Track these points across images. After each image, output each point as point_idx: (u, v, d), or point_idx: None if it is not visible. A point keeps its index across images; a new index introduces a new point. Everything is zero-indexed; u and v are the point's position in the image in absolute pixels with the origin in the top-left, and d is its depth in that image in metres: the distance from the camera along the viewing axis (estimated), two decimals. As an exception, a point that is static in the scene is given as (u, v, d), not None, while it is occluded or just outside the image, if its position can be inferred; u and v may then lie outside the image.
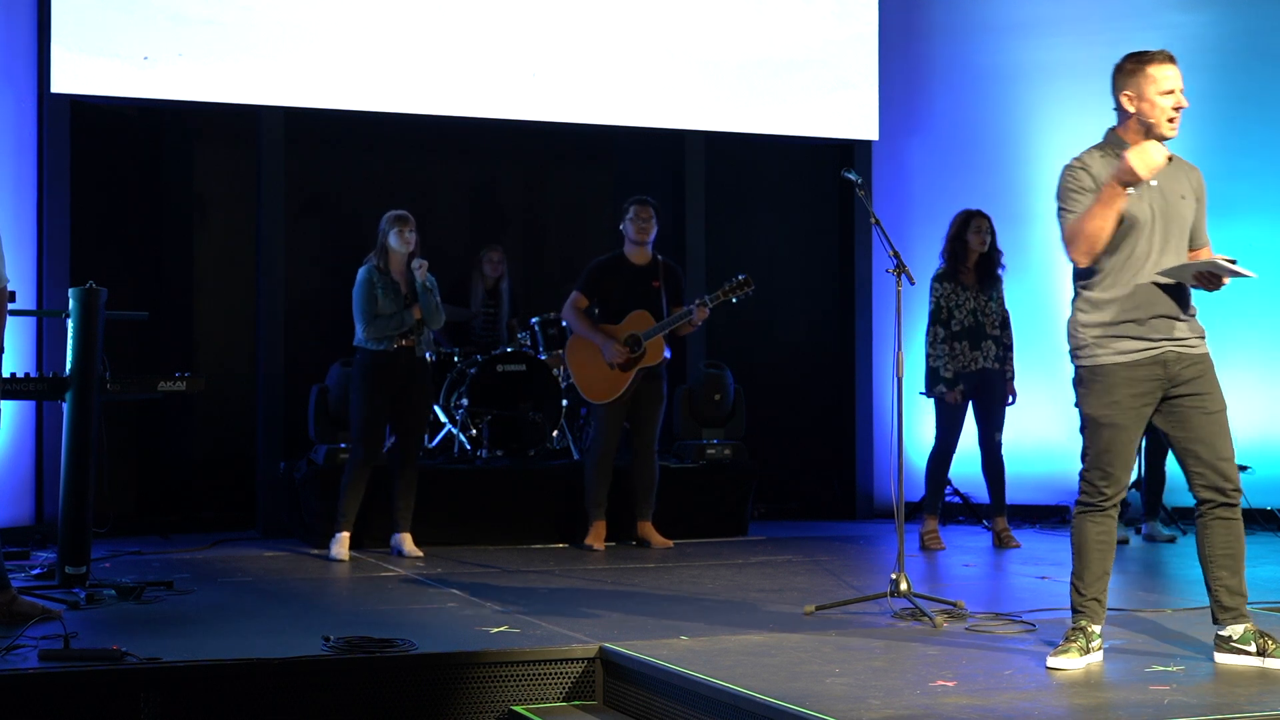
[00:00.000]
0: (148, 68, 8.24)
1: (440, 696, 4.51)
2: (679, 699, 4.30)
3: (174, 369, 7.10)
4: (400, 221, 7.24)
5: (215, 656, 4.48)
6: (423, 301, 7.20)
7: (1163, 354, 4.43)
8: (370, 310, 7.17)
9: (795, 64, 9.52)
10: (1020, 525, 8.70)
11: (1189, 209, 4.53)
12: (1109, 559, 4.56)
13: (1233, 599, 4.51)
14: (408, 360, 7.23)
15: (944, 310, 7.78)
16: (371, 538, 7.49)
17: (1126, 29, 9.41)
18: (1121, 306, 4.46)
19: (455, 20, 8.83)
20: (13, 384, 5.89)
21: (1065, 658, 4.40)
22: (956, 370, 7.74)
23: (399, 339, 7.19)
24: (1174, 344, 4.43)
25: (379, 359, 7.17)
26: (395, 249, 7.23)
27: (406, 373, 7.23)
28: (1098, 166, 4.50)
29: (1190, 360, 4.45)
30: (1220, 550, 4.53)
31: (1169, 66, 4.50)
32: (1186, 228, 4.52)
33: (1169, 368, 4.43)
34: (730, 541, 8.13)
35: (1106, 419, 4.45)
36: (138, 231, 8.93)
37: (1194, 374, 4.44)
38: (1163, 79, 4.48)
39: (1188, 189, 4.55)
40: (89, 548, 6.08)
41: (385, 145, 9.45)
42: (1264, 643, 4.42)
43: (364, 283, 7.21)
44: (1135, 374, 4.43)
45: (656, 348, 7.64)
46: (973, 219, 7.86)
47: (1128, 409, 4.44)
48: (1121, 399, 4.44)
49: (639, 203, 7.72)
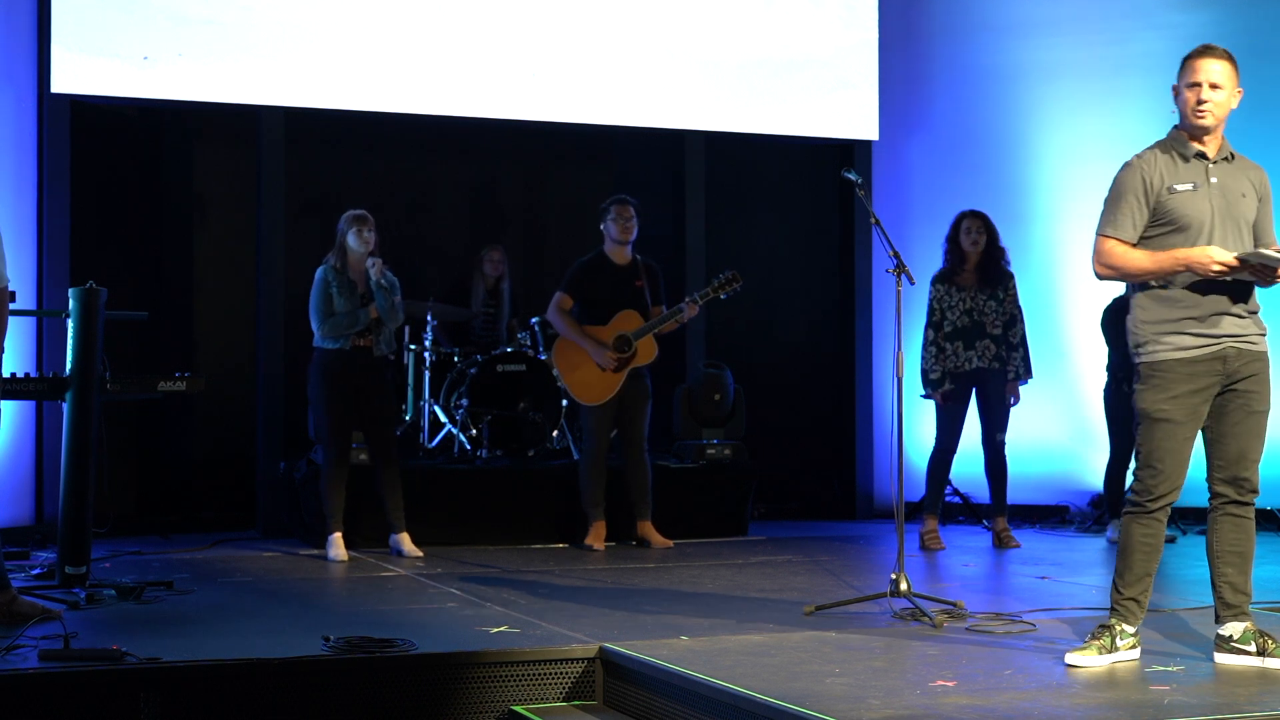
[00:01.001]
0: (148, 68, 8.24)
1: (440, 696, 4.51)
2: (679, 699, 4.30)
3: (174, 369, 7.10)
4: (359, 221, 7.25)
5: (215, 656, 4.47)
6: (378, 300, 7.20)
7: (1223, 350, 4.43)
8: (325, 310, 7.18)
9: (795, 64, 9.52)
10: (1020, 525, 8.70)
11: (1250, 207, 4.53)
12: (1153, 561, 4.52)
13: (1236, 596, 4.50)
14: (365, 359, 7.23)
15: (936, 311, 7.80)
16: (365, 538, 7.49)
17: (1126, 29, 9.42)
18: (1182, 303, 4.45)
19: (455, 20, 8.83)
20: (13, 384, 5.89)
21: (1083, 655, 4.40)
22: (949, 370, 7.74)
23: (355, 338, 7.19)
24: (1234, 340, 4.44)
25: (335, 358, 7.18)
26: (353, 248, 7.24)
27: (364, 371, 7.23)
28: (1156, 168, 4.52)
29: (1250, 357, 4.45)
30: (1229, 547, 4.52)
31: (1203, 59, 4.52)
32: (1247, 226, 4.52)
33: (1228, 364, 4.44)
34: (730, 541, 8.13)
35: (1162, 414, 4.44)
36: (138, 231, 8.93)
37: (1250, 371, 4.45)
38: (1191, 70, 4.51)
39: (1249, 187, 4.55)
40: (89, 548, 6.09)
41: (385, 145, 9.46)
42: (1264, 642, 4.42)
43: (320, 282, 7.22)
44: (1194, 369, 4.43)
45: (647, 347, 7.63)
46: (964, 220, 7.87)
47: (1184, 404, 4.43)
48: (1179, 394, 4.43)
49: (620, 203, 7.72)
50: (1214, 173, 4.51)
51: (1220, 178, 4.50)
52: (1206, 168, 4.52)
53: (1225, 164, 4.54)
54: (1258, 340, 4.49)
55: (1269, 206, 4.59)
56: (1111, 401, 8.29)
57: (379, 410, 7.33)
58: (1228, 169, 4.53)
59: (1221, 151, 4.56)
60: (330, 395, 7.18)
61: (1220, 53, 4.53)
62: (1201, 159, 4.53)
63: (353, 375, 7.19)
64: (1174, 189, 4.49)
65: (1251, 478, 4.50)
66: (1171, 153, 4.54)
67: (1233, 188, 4.52)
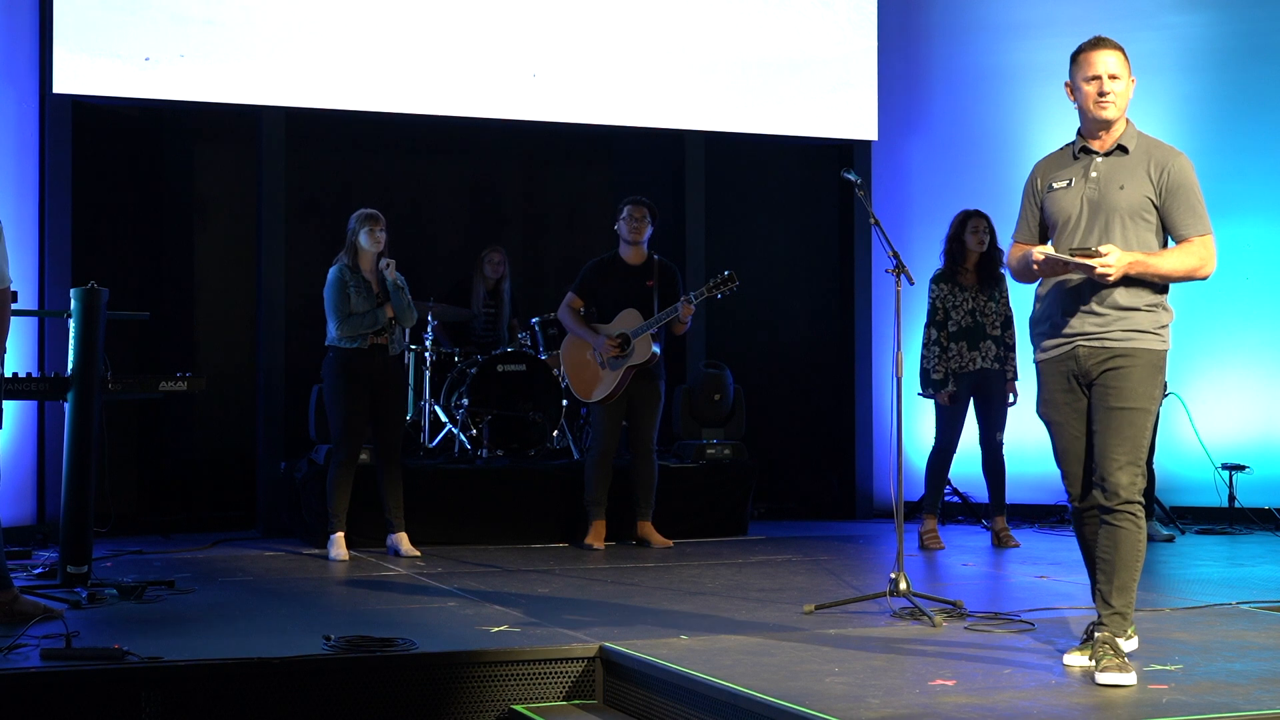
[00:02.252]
0: (149, 68, 8.25)
1: (440, 696, 4.52)
2: (679, 698, 4.30)
3: (175, 369, 7.11)
4: (370, 220, 7.26)
5: (216, 656, 4.48)
6: (394, 300, 7.21)
7: (1074, 349, 4.38)
8: (343, 309, 7.19)
9: (795, 64, 9.53)
10: (1019, 525, 8.71)
11: (1126, 199, 4.35)
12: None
13: (1101, 606, 4.32)
14: (381, 358, 7.25)
15: (940, 311, 7.80)
16: (365, 537, 7.50)
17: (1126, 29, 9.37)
18: (1048, 305, 4.46)
19: (455, 20, 8.84)
20: (14, 384, 5.90)
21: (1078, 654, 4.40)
22: (953, 371, 7.75)
23: (372, 337, 7.20)
24: (1084, 339, 4.36)
25: (353, 357, 7.19)
26: (365, 248, 7.25)
27: (381, 370, 7.25)
28: (1044, 168, 4.53)
29: (1105, 355, 4.33)
30: (1099, 554, 4.34)
31: (1097, 52, 4.42)
32: (1122, 218, 4.35)
33: (1080, 363, 4.37)
34: (730, 541, 8.14)
35: (1044, 416, 4.52)
36: (139, 232, 8.94)
37: (1107, 367, 4.33)
38: (1088, 64, 4.41)
39: (1138, 178, 4.37)
40: (90, 547, 6.10)
41: (385, 145, 9.47)
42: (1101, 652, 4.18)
43: (335, 281, 7.23)
44: (1056, 369, 4.44)
45: (644, 345, 7.65)
46: (970, 219, 7.87)
47: (1059, 405, 4.45)
48: (1050, 396, 4.47)
49: (633, 203, 7.74)
50: (1096, 167, 4.39)
51: (1102, 171, 4.39)
52: (1089, 163, 4.41)
53: (1116, 156, 4.39)
54: (1120, 336, 4.32)
55: (1178, 196, 4.35)
56: None
57: (391, 411, 7.35)
58: (1115, 161, 4.39)
59: (1118, 143, 4.41)
60: (348, 394, 7.18)
61: (1112, 43, 4.44)
62: (1087, 154, 4.43)
63: (371, 374, 7.21)
64: (1052, 187, 4.46)
65: (1111, 479, 4.26)
66: (1065, 152, 4.52)
67: (1110, 180, 4.37)
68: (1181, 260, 4.33)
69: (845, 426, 9.77)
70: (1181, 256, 4.34)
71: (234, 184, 9.05)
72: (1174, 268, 4.32)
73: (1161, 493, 8.63)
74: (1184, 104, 9.27)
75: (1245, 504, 8.87)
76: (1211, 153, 9.17)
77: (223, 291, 9.14)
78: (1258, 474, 8.93)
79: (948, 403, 7.75)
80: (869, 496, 9.68)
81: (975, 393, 7.81)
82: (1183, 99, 9.27)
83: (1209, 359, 9.18)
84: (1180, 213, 4.37)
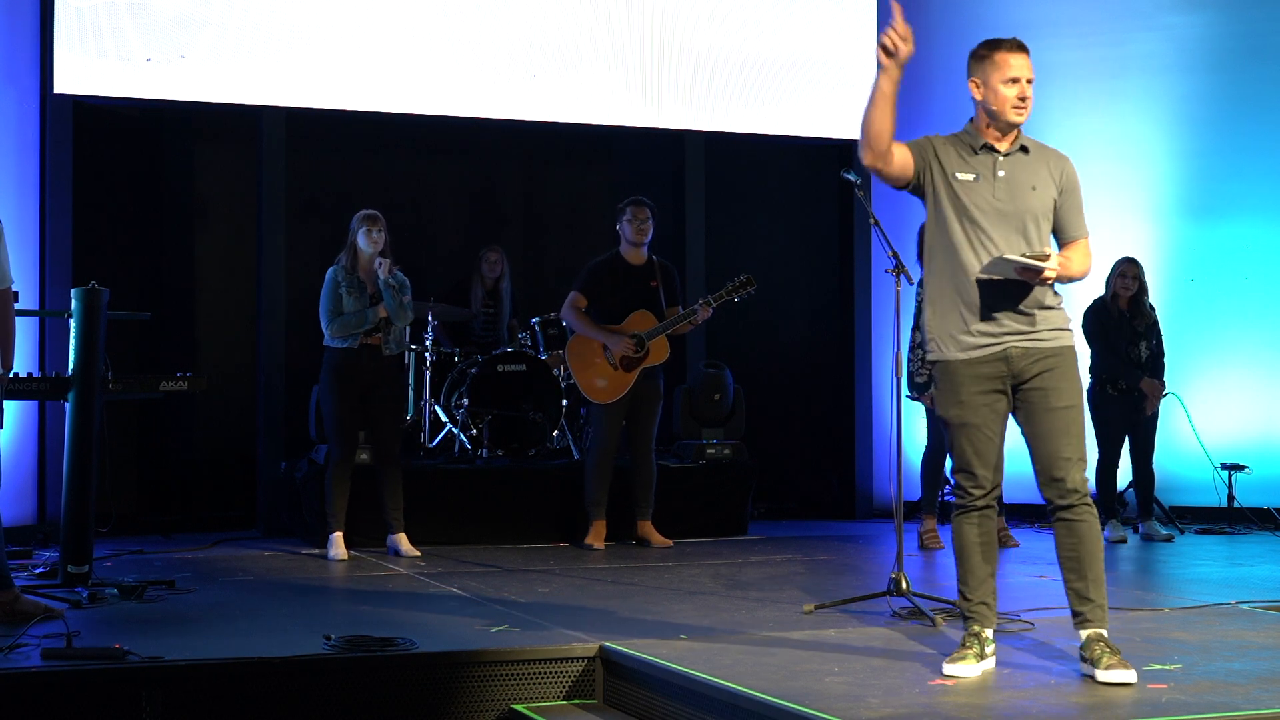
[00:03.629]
0: (150, 69, 8.26)
1: (440, 696, 4.52)
2: (679, 698, 4.31)
3: (175, 369, 7.11)
4: (369, 221, 7.27)
5: (217, 655, 4.49)
6: (386, 300, 7.21)
7: (1005, 350, 4.33)
8: (334, 309, 7.20)
9: (795, 64, 9.53)
10: (1019, 525, 8.71)
11: (1039, 200, 4.36)
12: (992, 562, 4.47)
13: (1080, 603, 4.32)
14: (373, 358, 7.25)
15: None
16: (365, 537, 7.50)
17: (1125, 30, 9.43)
18: (953, 305, 4.37)
19: (455, 20, 8.84)
20: (15, 384, 5.90)
21: (963, 665, 4.28)
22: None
23: (364, 337, 7.21)
24: (1016, 338, 4.32)
25: (344, 357, 7.20)
26: (363, 249, 7.26)
27: (373, 371, 7.26)
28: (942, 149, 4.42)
29: (1038, 355, 4.31)
30: (1065, 553, 4.34)
31: (1016, 54, 4.43)
32: (1037, 219, 4.35)
33: (1012, 364, 4.33)
34: (730, 541, 8.14)
35: (955, 418, 4.39)
36: (140, 232, 8.95)
37: (1042, 369, 4.31)
38: (1006, 66, 4.40)
39: (1044, 179, 4.38)
40: (91, 547, 6.10)
41: (385, 145, 9.47)
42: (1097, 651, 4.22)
43: (329, 282, 7.26)
44: (978, 371, 4.35)
45: (660, 348, 7.66)
46: None
47: (977, 407, 4.36)
48: (968, 398, 4.36)
49: (635, 203, 7.74)
50: (1002, 165, 4.37)
51: (1008, 171, 4.37)
52: (993, 161, 4.38)
53: (1018, 156, 4.39)
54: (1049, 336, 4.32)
55: (1073, 198, 4.41)
56: (1096, 403, 8.32)
57: (386, 410, 7.35)
58: (1018, 161, 4.38)
59: (1019, 143, 4.41)
60: (339, 394, 7.20)
61: (1023, 45, 4.46)
62: (990, 151, 4.39)
63: (362, 374, 7.22)
64: (957, 176, 4.37)
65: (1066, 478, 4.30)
66: (962, 142, 4.43)
67: (1021, 180, 4.37)
68: (1082, 261, 4.42)
69: (845, 426, 9.78)
70: (1082, 257, 4.42)
71: (234, 184, 9.05)
72: (1079, 269, 4.41)
73: (1161, 493, 8.64)
74: (1183, 104, 9.28)
75: (1244, 504, 8.88)
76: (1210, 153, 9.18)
77: (223, 291, 9.14)
78: (1257, 474, 8.94)
79: (930, 405, 7.77)
80: (869, 496, 9.68)
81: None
82: (1181, 99, 9.28)
83: (1208, 359, 9.19)
84: (1073, 214, 4.44)
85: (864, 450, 9.70)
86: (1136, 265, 8.30)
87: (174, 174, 9.19)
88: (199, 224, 9.20)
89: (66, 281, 7.84)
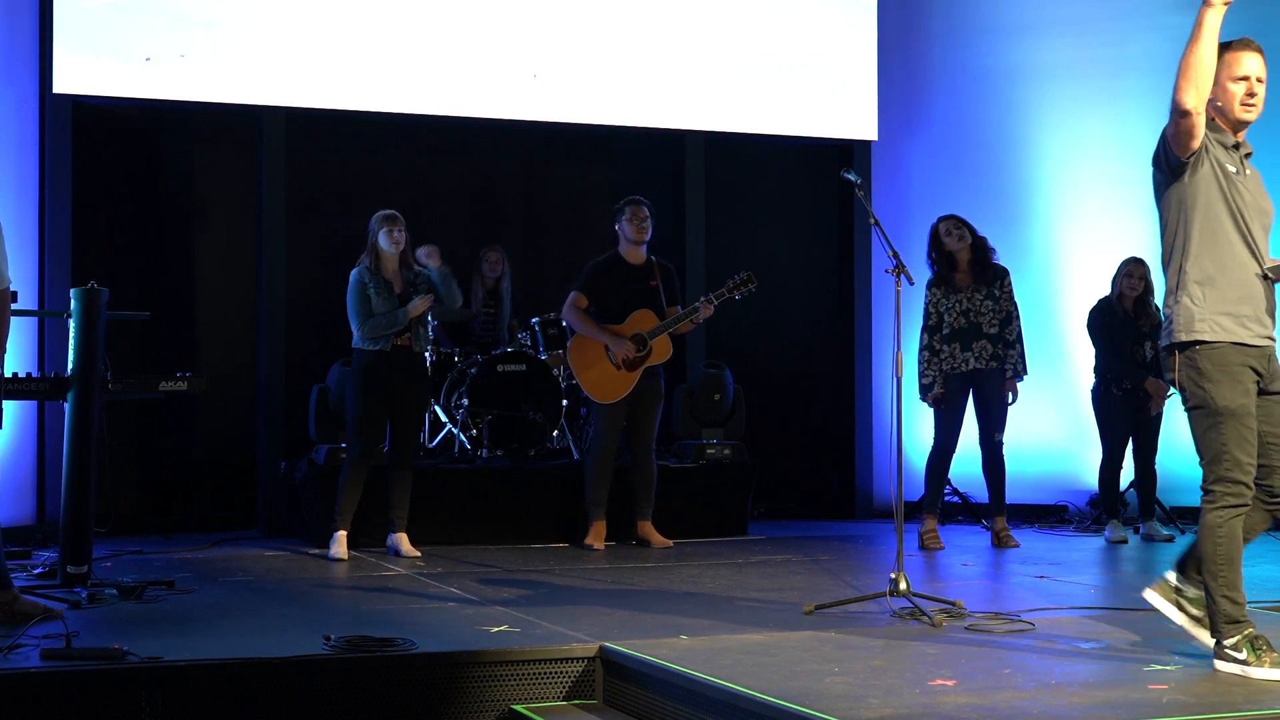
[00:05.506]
0: (149, 68, 8.26)
1: (440, 696, 4.52)
2: (679, 698, 4.31)
3: (175, 369, 7.11)
4: (389, 221, 7.29)
5: (216, 656, 4.49)
6: (439, 287, 7.35)
7: (1266, 349, 4.43)
8: (364, 311, 7.21)
9: (795, 64, 9.53)
10: (1019, 525, 8.71)
11: (1271, 202, 4.52)
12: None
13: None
14: (405, 359, 7.26)
15: (933, 315, 7.83)
16: (367, 537, 7.50)
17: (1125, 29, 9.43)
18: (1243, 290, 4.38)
19: (455, 20, 8.84)
20: (15, 384, 5.91)
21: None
22: (945, 372, 7.76)
23: (395, 338, 7.22)
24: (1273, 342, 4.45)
25: (376, 359, 7.20)
26: (385, 249, 7.28)
27: (404, 371, 7.27)
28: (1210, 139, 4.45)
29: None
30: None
31: (1247, 52, 4.58)
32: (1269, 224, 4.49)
33: (1270, 362, 4.43)
34: (730, 541, 8.14)
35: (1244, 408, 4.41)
36: (139, 232, 8.94)
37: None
38: (1236, 64, 4.54)
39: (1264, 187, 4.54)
40: (90, 547, 6.10)
41: (385, 145, 9.47)
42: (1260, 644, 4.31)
43: (356, 285, 7.26)
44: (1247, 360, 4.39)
45: (662, 346, 7.66)
46: (941, 224, 7.92)
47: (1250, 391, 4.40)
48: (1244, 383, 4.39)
49: (634, 203, 7.74)
50: (1249, 165, 4.51)
51: (1250, 171, 4.49)
52: (1241, 158, 4.50)
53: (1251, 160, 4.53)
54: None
55: None
56: (1100, 403, 8.31)
57: (411, 412, 7.37)
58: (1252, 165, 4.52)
59: (1248, 148, 4.55)
60: (368, 395, 7.19)
61: (1258, 46, 4.61)
62: (1238, 149, 4.50)
63: (393, 375, 7.22)
64: (1225, 167, 4.43)
65: None
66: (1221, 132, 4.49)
67: (1259, 183, 4.51)
68: None
69: (845, 426, 9.78)
70: None
71: (234, 184, 9.05)
72: None
73: (1162, 493, 8.64)
74: (1183, 104, 9.26)
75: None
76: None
77: (223, 291, 9.14)
78: (1257, 474, 8.92)
79: (933, 405, 7.78)
80: (869, 496, 9.68)
81: (971, 393, 7.82)
82: (1182, 99, 9.26)
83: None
84: None
85: (864, 450, 9.70)
86: (1143, 265, 8.30)
87: (173, 174, 9.19)
88: (199, 224, 9.20)
89: (66, 281, 7.83)
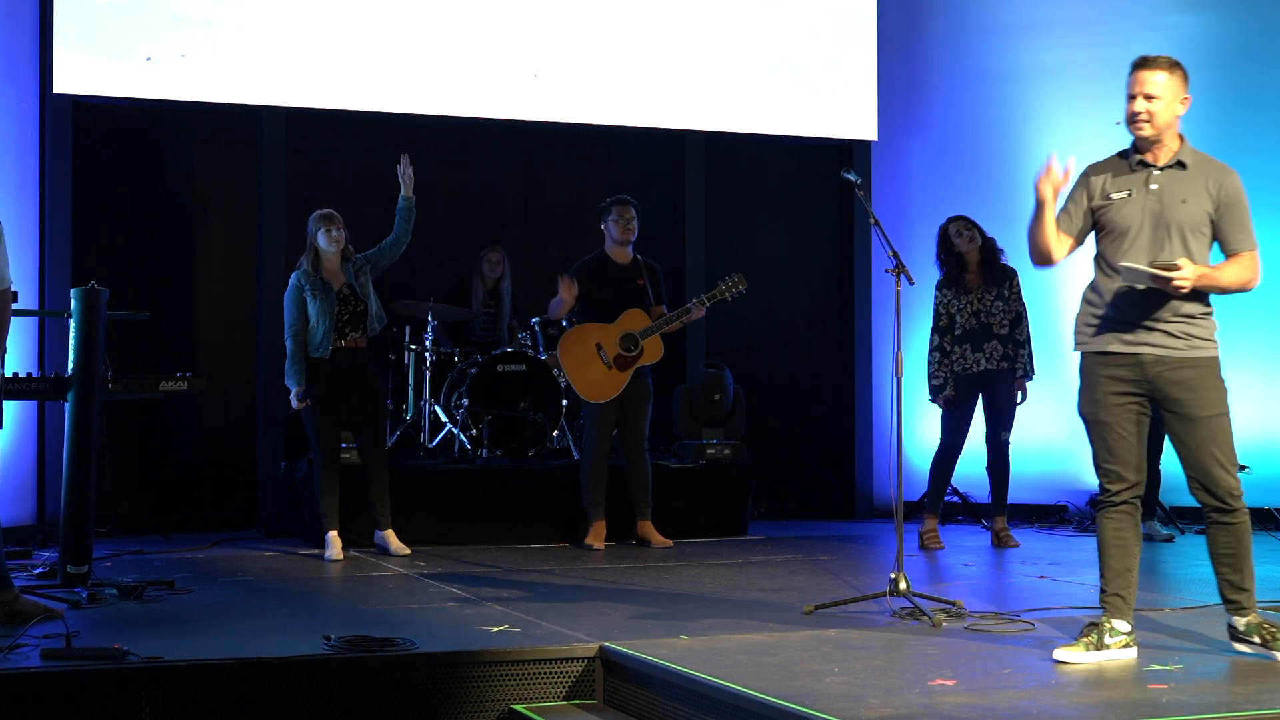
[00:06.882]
0: (150, 68, 8.25)
1: (440, 696, 4.52)
2: (679, 698, 4.31)
3: (175, 369, 7.10)
4: (327, 220, 7.27)
5: (216, 655, 4.49)
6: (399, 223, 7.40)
7: (1138, 356, 4.53)
8: (295, 324, 7.17)
9: (795, 64, 9.53)
10: (1019, 525, 8.71)
11: (1190, 213, 4.53)
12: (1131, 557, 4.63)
13: (1235, 593, 4.60)
14: (350, 360, 7.23)
15: (943, 316, 7.82)
16: (365, 537, 7.48)
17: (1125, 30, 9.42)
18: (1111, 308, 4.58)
19: (455, 20, 8.84)
20: (15, 384, 5.91)
21: (1071, 651, 4.49)
22: (956, 373, 7.76)
23: (337, 340, 7.19)
24: (1151, 347, 4.52)
25: (319, 365, 7.18)
26: (324, 248, 7.26)
27: (352, 373, 7.24)
28: (1099, 176, 4.66)
29: (1174, 364, 4.51)
30: (1222, 550, 4.64)
31: (1137, 71, 4.57)
32: (1186, 232, 4.53)
33: (1145, 369, 4.52)
34: (730, 541, 8.14)
35: (1089, 415, 4.65)
36: (139, 232, 8.94)
37: (1178, 379, 4.51)
38: (1129, 84, 4.59)
39: (1197, 193, 4.55)
40: (91, 547, 6.10)
41: (385, 145, 9.41)
42: (1269, 633, 4.50)
43: (292, 290, 7.22)
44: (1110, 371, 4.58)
45: (654, 347, 7.66)
46: (951, 224, 7.92)
47: (1109, 406, 4.58)
48: (1101, 396, 4.59)
49: (620, 203, 7.75)
50: (1155, 179, 4.56)
51: (1162, 184, 4.55)
52: (1147, 175, 4.57)
53: (1174, 170, 4.56)
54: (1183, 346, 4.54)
55: (1233, 211, 4.57)
56: None
57: (368, 412, 7.34)
58: (1174, 175, 4.56)
59: (1176, 158, 4.58)
60: (317, 400, 7.19)
61: (1159, 63, 4.56)
62: (1144, 166, 4.59)
63: (338, 380, 7.20)
64: (1110, 197, 4.60)
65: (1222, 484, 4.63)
66: (1122, 162, 4.66)
67: (1172, 193, 4.55)
68: (1238, 273, 4.56)
69: (845, 426, 9.78)
70: (1237, 270, 4.57)
71: (234, 184, 9.04)
72: (1231, 280, 4.56)
73: (1162, 493, 8.63)
74: (1183, 104, 9.27)
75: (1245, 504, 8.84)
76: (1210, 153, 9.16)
77: (223, 291, 9.13)
78: (1258, 474, 8.89)
79: (944, 406, 7.78)
80: (869, 496, 9.68)
81: (981, 393, 7.82)
82: (1182, 99, 9.27)
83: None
84: (1234, 228, 4.58)
85: (864, 450, 9.70)
86: None
87: (173, 174, 9.19)
88: (199, 224, 9.19)
89: (66, 281, 7.83)
